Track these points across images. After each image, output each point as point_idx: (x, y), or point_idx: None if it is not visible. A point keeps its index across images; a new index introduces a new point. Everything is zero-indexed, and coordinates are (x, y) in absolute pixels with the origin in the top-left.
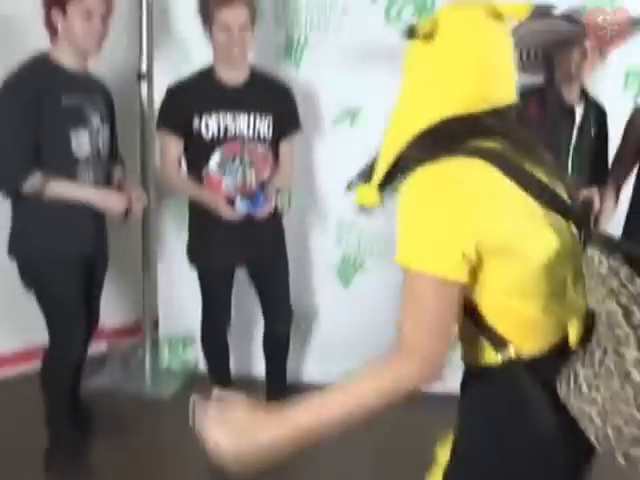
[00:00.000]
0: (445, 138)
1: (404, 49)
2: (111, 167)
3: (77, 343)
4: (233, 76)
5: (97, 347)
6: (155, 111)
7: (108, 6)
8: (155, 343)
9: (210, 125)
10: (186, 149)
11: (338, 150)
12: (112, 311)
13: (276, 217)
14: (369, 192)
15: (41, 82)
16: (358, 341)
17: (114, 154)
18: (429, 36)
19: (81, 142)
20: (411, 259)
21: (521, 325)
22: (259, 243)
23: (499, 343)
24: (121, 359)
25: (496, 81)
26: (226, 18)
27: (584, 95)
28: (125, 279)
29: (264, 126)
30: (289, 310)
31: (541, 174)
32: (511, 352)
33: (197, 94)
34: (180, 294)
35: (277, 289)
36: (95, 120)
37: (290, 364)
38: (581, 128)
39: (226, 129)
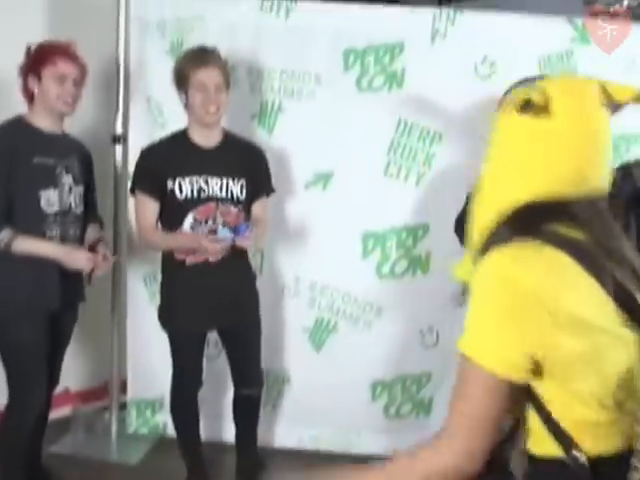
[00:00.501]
0: (528, 219)
1: (486, 121)
2: (85, 225)
3: (35, 404)
4: (207, 139)
5: (61, 411)
6: (129, 173)
7: (82, 71)
8: (122, 407)
9: (184, 187)
10: (160, 210)
11: (311, 213)
12: (77, 373)
13: (249, 280)
14: (465, 266)
15: (14, 142)
16: (330, 405)
17: (91, 213)
18: (542, 111)
19: (50, 200)
20: (471, 348)
21: (587, 427)
22: (232, 308)
23: (566, 442)
24: (85, 423)
25: (595, 169)
26: (202, 78)
27: None
28: (91, 341)
29: (237, 188)
30: (260, 375)
31: (624, 276)
32: (577, 454)
33: (171, 156)
34: (149, 357)
35: (249, 354)
36: (67, 180)
37: (261, 428)
38: None
39: (199, 191)
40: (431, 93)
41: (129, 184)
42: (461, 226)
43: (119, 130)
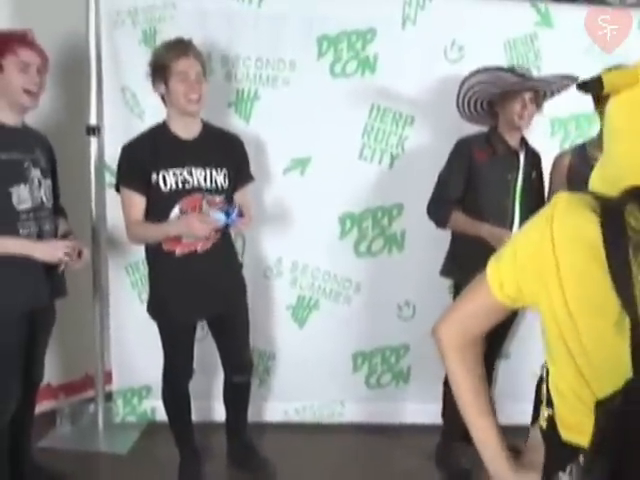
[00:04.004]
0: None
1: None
2: (56, 220)
3: (11, 401)
4: (187, 130)
5: (44, 405)
6: (106, 164)
7: (44, 59)
8: (107, 397)
9: (168, 179)
10: (146, 204)
11: (290, 198)
12: (57, 367)
13: (236, 268)
14: None
15: None
16: (314, 378)
17: (57, 206)
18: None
19: (21, 197)
20: (491, 262)
21: (571, 403)
22: (220, 297)
23: (548, 400)
24: (71, 416)
25: None
26: (183, 67)
27: (524, 142)
28: (70, 334)
29: (221, 178)
30: (250, 361)
31: None
32: (550, 412)
33: (153, 150)
34: (133, 345)
35: (238, 341)
36: (35, 174)
37: (250, 403)
38: (525, 171)
39: (184, 182)
40: (403, 78)
41: (106, 175)
42: (434, 206)
43: (93, 121)
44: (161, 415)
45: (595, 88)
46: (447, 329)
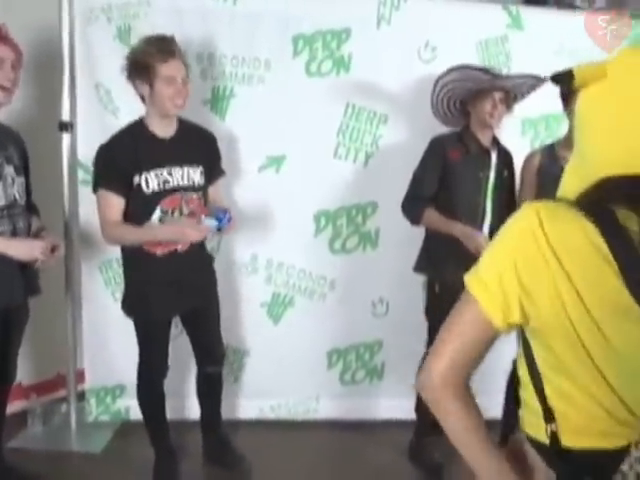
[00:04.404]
0: (594, 196)
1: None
2: (29, 217)
3: None
4: (165, 129)
5: (14, 406)
6: (79, 161)
7: (17, 54)
8: (80, 397)
9: (150, 181)
10: (126, 205)
11: (265, 195)
12: (27, 366)
13: (208, 263)
14: None
15: None
16: (289, 375)
17: (29, 203)
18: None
19: None
20: (471, 282)
21: (574, 413)
22: (194, 292)
23: (547, 413)
24: (43, 416)
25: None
26: (171, 71)
27: (495, 141)
28: (41, 333)
29: (197, 175)
30: (222, 352)
31: None
32: (553, 427)
33: (134, 150)
34: (106, 343)
35: (210, 332)
36: (8, 171)
37: (223, 402)
38: (497, 170)
39: (165, 183)
40: (377, 77)
41: (79, 172)
42: (408, 204)
43: (66, 117)
44: (135, 414)
45: (567, 80)
46: (440, 370)
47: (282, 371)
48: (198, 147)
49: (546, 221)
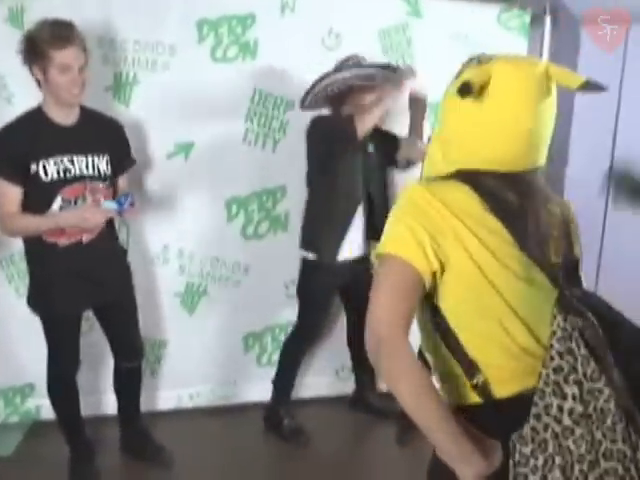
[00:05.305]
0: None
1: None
2: None
3: None
4: (66, 116)
5: None
6: None
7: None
8: None
9: (49, 169)
10: (24, 195)
11: (174, 183)
12: None
13: (121, 255)
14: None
15: None
16: (206, 363)
17: None
18: (480, 93)
19: None
20: (385, 247)
21: (495, 353)
22: (106, 285)
23: (469, 367)
24: None
25: (526, 148)
26: (66, 59)
27: (376, 129)
28: None
29: (103, 164)
30: (141, 347)
31: (533, 230)
32: (481, 378)
33: (31, 138)
34: (12, 342)
35: (127, 327)
36: None
37: (142, 394)
38: (376, 150)
39: (65, 171)
40: (283, 63)
41: None
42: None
43: None
44: (47, 413)
45: (470, 90)
46: (386, 315)
47: (199, 359)
48: (103, 135)
49: (433, 189)
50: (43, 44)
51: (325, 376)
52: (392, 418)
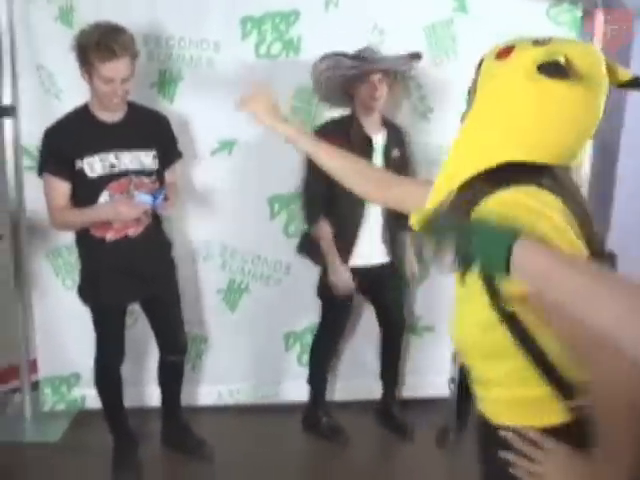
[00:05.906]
0: (507, 176)
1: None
2: None
3: None
4: (111, 114)
5: None
6: (23, 146)
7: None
8: (34, 387)
9: (95, 165)
10: (72, 190)
11: (218, 179)
12: None
13: (166, 250)
14: (421, 216)
15: None
16: (247, 360)
17: None
18: (564, 75)
19: None
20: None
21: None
22: (152, 279)
23: (564, 388)
24: None
25: (588, 140)
26: (109, 72)
27: (385, 123)
28: None
29: (149, 159)
30: (184, 340)
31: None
32: (575, 402)
33: (77, 135)
34: (59, 333)
35: (171, 321)
36: None
37: (183, 388)
38: (384, 152)
39: (111, 167)
40: None
41: (24, 158)
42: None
43: (7, 101)
44: (91, 403)
45: (563, 71)
46: None
47: (240, 356)
48: (149, 130)
49: (526, 195)
50: (90, 53)
51: (365, 379)
52: (409, 438)
